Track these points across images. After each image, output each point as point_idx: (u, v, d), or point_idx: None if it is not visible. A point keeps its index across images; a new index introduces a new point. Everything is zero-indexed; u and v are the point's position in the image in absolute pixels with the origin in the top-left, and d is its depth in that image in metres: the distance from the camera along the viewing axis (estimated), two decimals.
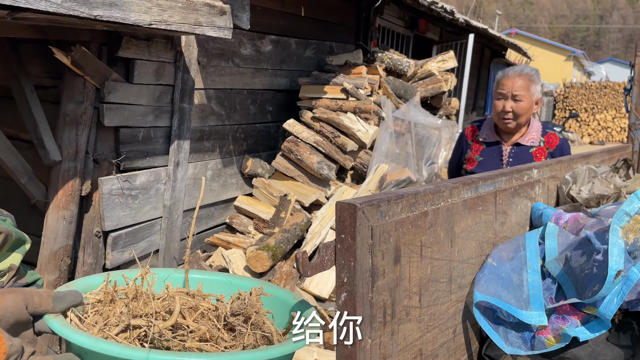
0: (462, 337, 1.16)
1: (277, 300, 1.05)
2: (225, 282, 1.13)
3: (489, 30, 8.54)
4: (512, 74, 2.34)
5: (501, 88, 2.36)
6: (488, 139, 2.45)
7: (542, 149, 2.39)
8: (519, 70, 2.37)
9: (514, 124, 2.37)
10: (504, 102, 2.34)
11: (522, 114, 2.34)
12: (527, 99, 2.33)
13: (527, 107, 2.34)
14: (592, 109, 18.11)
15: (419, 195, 0.99)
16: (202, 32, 2.49)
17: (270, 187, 3.70)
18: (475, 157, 2.45)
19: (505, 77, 2.36)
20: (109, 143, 2.79)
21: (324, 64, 4.55)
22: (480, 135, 2.48)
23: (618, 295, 1.05)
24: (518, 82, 2.32)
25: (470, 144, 2.51)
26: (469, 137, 2.54)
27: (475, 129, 2.54)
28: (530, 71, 2.37)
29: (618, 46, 77.60)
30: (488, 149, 2.44)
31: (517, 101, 2.32)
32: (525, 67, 2.41)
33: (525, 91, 2.32)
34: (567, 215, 1.41)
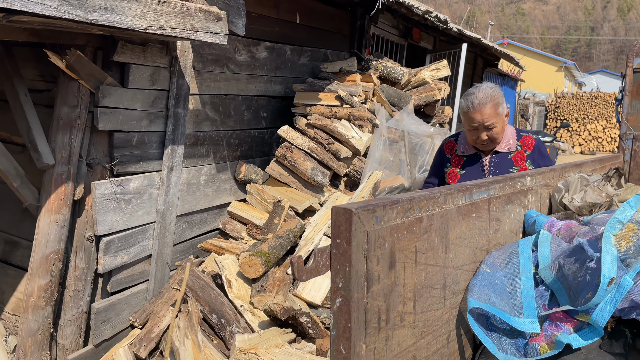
0: (455, 344, 1.16)
1: None
2: None
3: (482, 40, 8.61)
4: (479, 106, 2.25)
5: (471, 123, 2.29)
6: (467, 152, 2.43)
7: (520, 152, 2.38)
8: (483, 97, 2.25)
9: (492, 146, 2.36)
10: (477, 132, 2.30)
11: (498, 136, 2.32)
12: (499, 122, 2.28)
13: (501, 128, 2.31)
14: (583, 119, 18.28)
15: (414, 201, 1.00)
16: (198, 37, 2.49)
17: (263, 193, 3.69)
18: (457, 170, 2.43)
19: (473, 110, 2.27)
20: (103, 147, 2.78)
21: (318, 71, 4.57)
22: (458, 149, 2.45)
23: (611, 303, 1.05)
24: (487, 111, 2.25)
25: (450, 158, 2.48)
26: (448, 151, 2.50)
27: (453, 144, 2.49)
28: (492, 93, 2.27)
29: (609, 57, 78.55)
30: (468, 161, 2.42)
31: (490, 129, 2.28)
32: (485, 90, 2.28)
33: (495, 117, 2.26)
34: (559, 223, 1.42)
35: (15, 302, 2.99)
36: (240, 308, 2.78)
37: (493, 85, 2.33)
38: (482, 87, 2.31)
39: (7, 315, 3.01)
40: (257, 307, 2.80)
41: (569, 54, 76.10)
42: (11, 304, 3.01)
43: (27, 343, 2.57)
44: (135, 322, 2.95)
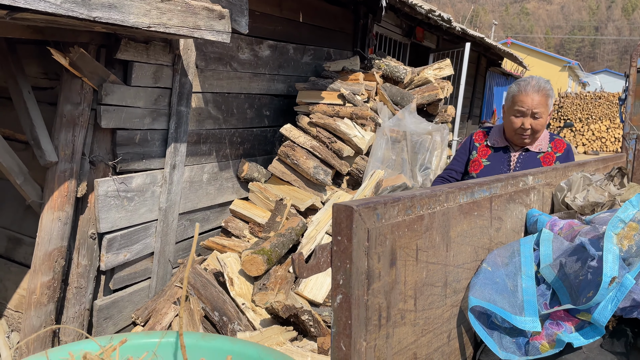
0: (456, 342, 1.16)
1: None
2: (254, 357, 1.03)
3: (485, 39, 8.60)
4: (531, 91, 2.23)
5: (519, 105, 2.25)
6: (497, 144, 2.39)
7: (550, 154, 2.34)
8: (536, 85, 2.25)
9: (531, 139, 2.32)
10: (523, 119, 2.26)
11: (541, 129, 2.29)
12: (545, 114, 2.26)
13: (545, 122, 2.28)
14: (586, 119, 18.23)
15: (415, 199, 1.00)
16: (201, 35, 2.49)
17: (266, 192, 3.69)
18: (482, 160, 2.39)
19: (524, 93, 2.24)
20: (106, 145, 2.79)
21: (321, 70, 4.57)
22: (489, 139, 2.42)
23: (612, 302, 1.05)
24: (537, 98, 2.22)
25: (478, 146, 2.45)
26: (477, 140, 2.47)
27: (484, 134, 2.47)
28: (545, 84, 2.27)
29: (613, 57, 78.29)
30: (496, 153, 2.38)
31: (536, 118, 2.25)
32: (540, 80, 2.29)
33: (544, 107, 2.24)
34: (561, 222, 1.42)
35: (18, 299, 3.00)
36: (242, 306, 2.78)
37: (547, 79, 2.32)
38: (536, 77, 2.31)
39: (9, 312, 3.02)
40: (258, 305, 2.80)
41: (573, 53, 75.89)
42: (14, 301, 3.03)
43: (29, 340, 2.58)
44: (137, 320, 2.96)
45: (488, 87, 11.26)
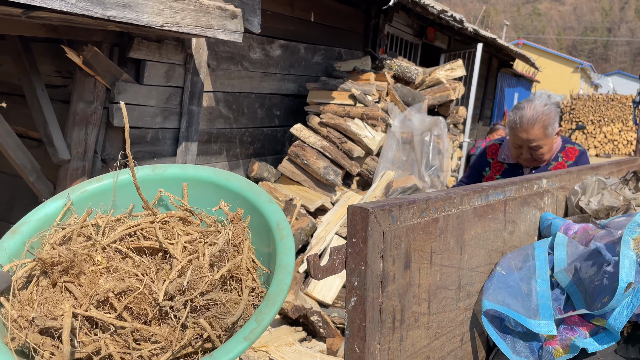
0: (469, 346, 1.16)
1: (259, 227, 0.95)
2: (208, 181, 1.01)
3: (497, 40, 8.54)
4: (526, 124, 2.10)
5: (516, 139, 2.16)
6: (508, 160, 2.32)
7: (560, 163, 2.27)
8: (532, 118, 2.09)
9: (535, 164, 2.25)
10: (521, 150, 2.18)
11: (543, 156, 2.19)
12: (546, 143, 2.14)
13: (547, 149, 2.17)
14: (598, 121, 18.07)
15: (430, 202, 0.99)
16: (213, 35, 2.50)
17: (276, 191, 3.70)
18: (497, 177, 2.33)
19: (519, 128, 2.12)
20: (118, 143, 2.81)
21: (332, 70, 4.56)
22: (500, 154, 2.35)
23: (628, 308, 1.04)
24: (533, 132, 2.10)
25: (491, 162, 2.39)
26: (490, 155, 2.40)
27: (497, 148, 2.39)
28: (544, 111, 2.10)
29: (626, 59, 77.59)
30: (508, 169, 2.32)
31: (536, 149, 2.15)
32: (538, 105, 2.12)
33: (542, 139, 2.12)
34: (576, 226, 1.40)
35: None
36: None
37: (547, 101, 2.16)
38: (535, 103, 2.15)
39: None
40: None
41: (585, 55, 75.33)
42: None
43: None
44: None
45: (499, 88, 11.20)
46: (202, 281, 0.79)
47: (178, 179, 1.03)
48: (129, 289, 0.80)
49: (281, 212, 0.96)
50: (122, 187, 1.02)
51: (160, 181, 1.03)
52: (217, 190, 1.00)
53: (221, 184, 1.00)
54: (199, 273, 0.80)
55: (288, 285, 0.82)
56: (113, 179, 1.02)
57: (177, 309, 0.77)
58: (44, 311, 0.79)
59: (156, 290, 0.80)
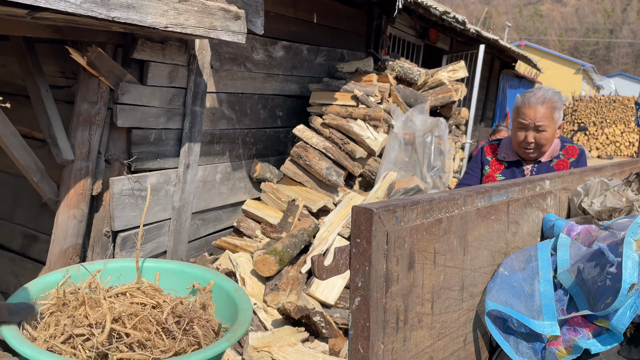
0: (472, 346, 1.16)
1: (222, 294, 1.21)
2: (178, 270, 1.28)
3: (499, 42, 8.54)
4: (535, 102, 2.14)
5: (522, 117, 2.18)
6: (508, 158, 2.32)
7: (563, 160, 2.27)
8: (542, 97, 2.15)
9: (536, 154, 2.24)
10: (526, 132, 2.18)
11: (546, 144, 2.20)
12: (550, 128, 2.16)
13: (551, 136, 2.19)
14: (600, 122, 18.04)
15: (433, 202, 1.00)
16: (217, 36, 2.51)
17: (278, 192, 3.70)
18: (497, 175, 2.32)
19: (527, 105, 2.16)
20: (121, 144, 2.82)
21: (334, 71, 4.57)
22: (500, 153, 2.35)
23: (631, 309, 1.04)
24: (541, 111, 2.13)
25: (490, 160, 2.38)
26: (489, 153, 2.40)
27: (495, 147, 2.39)
28: (552, 96, 2.17)
29: (628, 60, 77.46)
30: (508, 168, 2.31)
31: (540, 131, 2.16)
32: (547, 91, 2.19)
33: (548, 120, 2.14)
34: (579, 227, 1.40)
35: None
36: (254, 306, 2.79)
37: (556, 90, 2.23)
38: (544, 88, 2.22)
39: None
40: (270, 305, 2.81)
41: (587, 56, 75.22)
42: None
43: None
44: None
45: (501, 90, 11.19)
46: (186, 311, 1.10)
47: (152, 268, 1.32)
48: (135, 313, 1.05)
49: (233, 282, 1.25)
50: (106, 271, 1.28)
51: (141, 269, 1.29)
52: (184, 275, 1.30)
53: (187, 271, 1.28)
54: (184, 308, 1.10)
55: (249, 318, 1.07)
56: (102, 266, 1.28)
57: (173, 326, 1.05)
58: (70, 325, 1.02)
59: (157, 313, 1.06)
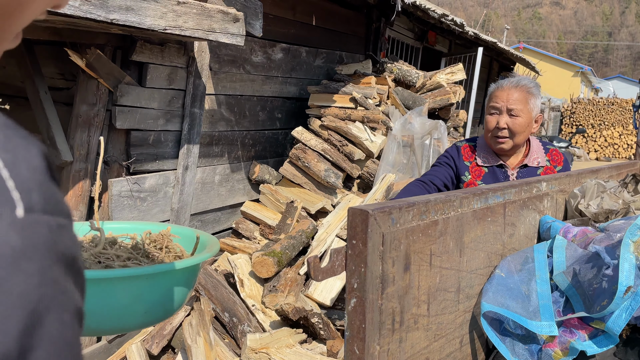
0: (468, 348, 1.16)
1: (185, 238, 1.20)
2: (133, 228, 1.25)
3: (497, 44, 8.56)
4: (508, 85, 2.01)
5: (494, 101, 2.03)
6: (488, 162, 2.10)
7: (550, 168, 2.11)
8: (516, 81, 2.03)
9: (509, 143, 2.02)
10: (498, 117, 2.01)
11: (520, 132, 2.00)
12: (525, 115, 1.99)
13: (525, 124, 2.00)
14: (599, 125, 18.07)
15: (429, 204, 1.00)
16: (215, 38, 2.52)
17: (277, 194, 3.71)
18: (478, 182, 2.09)
19: (500, 88, 2.03)
20: (120, 145, 2.82)
21: (333, 73, 4.58)
22: (478, 157, 2.12)
23: (627, 311, 1.05)
24: (514, 94, 1.98)
25: (469, 166, 2.13)
26: (467, 157, 2.15)
27: (472, 150, 2.16)
28: (528, 83, 2.04)
29: (626, 63, 77.64)
30: (490, 173, 2.09)
31: (513, 117, 1.99)
32: (523, 78, 2.07)
33: (522, 105, 1.98)
34: (575, 229, 1.41)
35: None
36: (252, 307, 2.80)
37: (535, 81, 2.09)
38: (520, 76, 2.12)
39: None
40: (268, 306, 2.81)
41: (586, 59, 75.37)
42: None
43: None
44: None
45: None
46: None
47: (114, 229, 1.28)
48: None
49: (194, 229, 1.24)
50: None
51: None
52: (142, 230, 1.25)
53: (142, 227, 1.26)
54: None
55: (217, 243, 1.05)
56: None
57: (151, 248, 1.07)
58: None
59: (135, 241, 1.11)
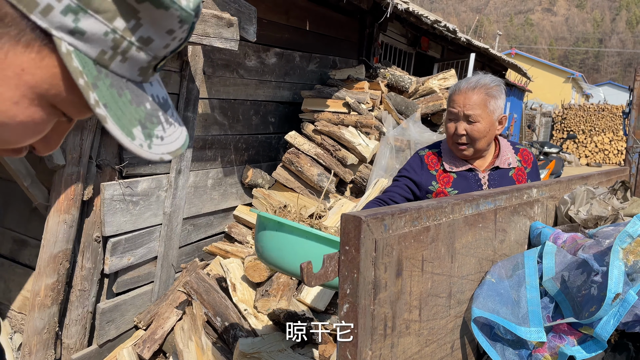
0: (459, 353, 1.17)
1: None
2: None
3: (490, 50, 8.63)
4: (465, 88, 1.87)
5: (452, 106, 1.90)
6: (457, 167, 1.98)
7: (520, 169, 2.02)
8: (474, 82, 1.87)
9: (470, 150, 1.92)
10: (456, 123, 1.89)
11: (479, 137, 1.88)
12: (484, 120, 1.86)
13: (485, 129, 1.88)
14: (589, 130, 18.24)
15: (421, 210, 1.01)
16: (210, 42, 2.52)
17: (270, 198, 3.71)
18: (448, 190, 1.96)
19: (457, 92, 1.89)
20: (113, 149, 2.81)
21: (326, 78, 4.60)
22: (444, 163, 1.99)
23: (615, 317, 1.06)
24: (472, 98, 1.85)
25: (435, 174, 1.99)
26: (432, 166, 2.01)
27: (436, 158, 2.02)
28: (489, 82, 1.88)
29: (616, 69, 78.39)
30: (460, 178, 1.97)
31: (471, 123, 1.86)
32: (484, 77, 1.91)
33: (481, 109, 1.85)
34: (565, 235, 1.43)
35: (22, 301, 3.01)
36: (244, 312, 2.79)
37: (498, 79, 1.93)
38: (482, 74, 1.95)
39: (13, 313, 3.03)
40: (261, 311, 2.81)
41: (577, 65, 76.05)
42: (17, 302, 3.04)
43: (32, 341, 2.59)
44: (139, 323, 2.97)
45: None
46: None
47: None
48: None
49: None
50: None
51: None
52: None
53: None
54: None
55: None
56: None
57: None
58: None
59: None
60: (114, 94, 0.45)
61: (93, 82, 0.44)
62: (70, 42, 0.42)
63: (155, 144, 0.49)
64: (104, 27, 0.43)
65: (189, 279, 2.92)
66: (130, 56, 0.45)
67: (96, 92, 0.44)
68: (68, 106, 0.47)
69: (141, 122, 0.48)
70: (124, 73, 0.46)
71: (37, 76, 0.43)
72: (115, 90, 0.46)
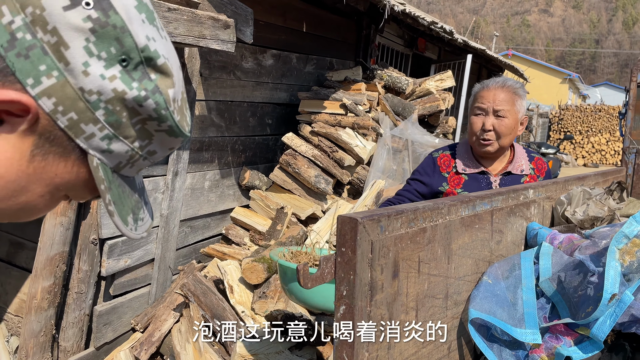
0: (456, 354, 1.17)
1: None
2: None
3: (486, 51, 8.64)
4: (494, 86, 1.94)
5: (480, 102, 1.95)
6: (469, 170, 1.99)
7: (533, 177, 2.04)
8: (502, 81, 1.96)
9: (495, 145, 1.95)
10: (484, 118, 1.93)
11: (506, 133, 1.93)
12: (511, 116, 1.92)
13: (512, 125, 1.93)
14: (586, 131, 18.29)
15: (418, 212, 1.01)
16: (206, 44, 2.52)
17: (267, 200, 3.71)
18: (458, 191, 1.99)
19: (485, 88, 1.95)
20: None
21: (323, 80, 4.60)
22: (457, 165, 2.02)
23: (611, 317, 1.06)
24: (500, 95, 1.92)
25: (447, 176, 2.02)
26: (444, 168, 2.04)
27: (449, 159, 2.05)
28: (514, 84, 1.97)
29: (613, 70, 78.69)
30: (471, 180, 1.99)
31: (499, 117, 1.91)
32: (509, 79, 2.01)
33: (509, 106, 1.92)
34: (561, 236, 1.43)
35: (19, 303, 3.00)
36: (242, 314, 2.79)
37: (520, 82, 2.04)
38: (507, 77, 2.04)
39: (9, 316, 3.02)
40: (258, 313, 2.81)
41: (574, 66, 76.31)
42: (14, 305, 3.03)
43: (29, 344, 2.58)
44: (136, 326, 2.96)
45: None
46: None
47: None
48: None
49: None
50: None
51: None
52: None
53: None
54: None
55: None
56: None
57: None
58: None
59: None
60: (120, 191, 0.57)
61: (109, 185, 0.55)
62: (99, 158, 0.53)
63: (139, 225, 0.60)
64: (127, 147, 0.54)
65: (186, 281, 2.92)
66: (137, 164, 0.57)
67: (109, 193, 0.55)
68: (76, 195, 0.58)
69: (133, 210, 0.59)
70: (128, 174, 0.58)
71: (65, 179, 0.54)
72: (121, 188, 0.57)
